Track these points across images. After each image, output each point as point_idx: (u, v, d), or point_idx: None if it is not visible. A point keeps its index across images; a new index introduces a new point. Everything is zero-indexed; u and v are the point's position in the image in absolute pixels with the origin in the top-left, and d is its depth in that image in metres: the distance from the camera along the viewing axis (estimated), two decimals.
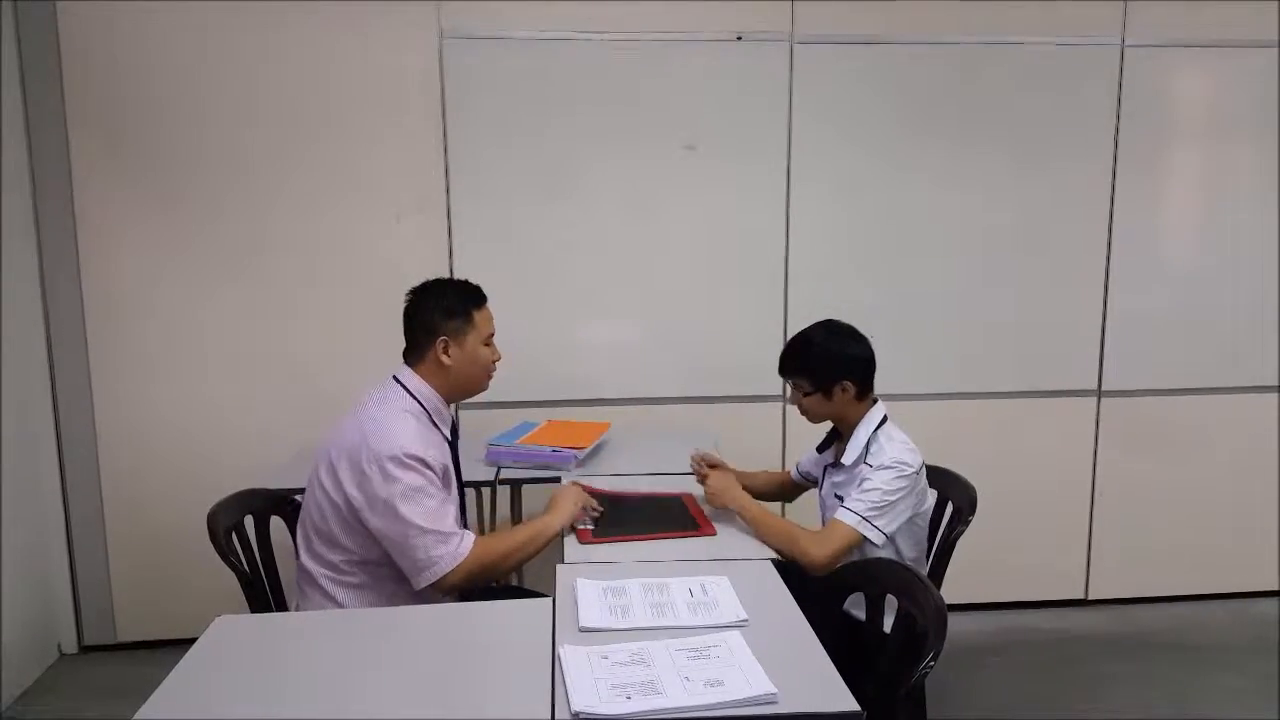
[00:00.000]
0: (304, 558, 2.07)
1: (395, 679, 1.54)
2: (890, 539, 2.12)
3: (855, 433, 2.23)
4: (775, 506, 2.53)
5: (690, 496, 2.35)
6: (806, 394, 2.24)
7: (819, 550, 2.05)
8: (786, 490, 2.63)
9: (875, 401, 2.27)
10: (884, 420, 2.23)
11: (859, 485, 2.14)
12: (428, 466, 1.98)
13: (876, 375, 2.27)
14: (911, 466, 2.13)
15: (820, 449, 2.42)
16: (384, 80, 3.11)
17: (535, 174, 3.20)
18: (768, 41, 3.21)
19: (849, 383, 2.20)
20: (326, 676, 1.56)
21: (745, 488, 2.27)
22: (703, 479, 2.30)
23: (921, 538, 2.27)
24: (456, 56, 3.11)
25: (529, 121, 3.17)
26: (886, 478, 2.10)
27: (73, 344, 3.11)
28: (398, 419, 2.02)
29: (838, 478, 2.29)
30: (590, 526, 2.17)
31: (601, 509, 2.23)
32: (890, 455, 2.13)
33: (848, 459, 2.24)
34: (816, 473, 2.47)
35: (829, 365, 2.20)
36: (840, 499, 2.24)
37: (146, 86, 3.03)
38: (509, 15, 3.11)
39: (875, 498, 2.09)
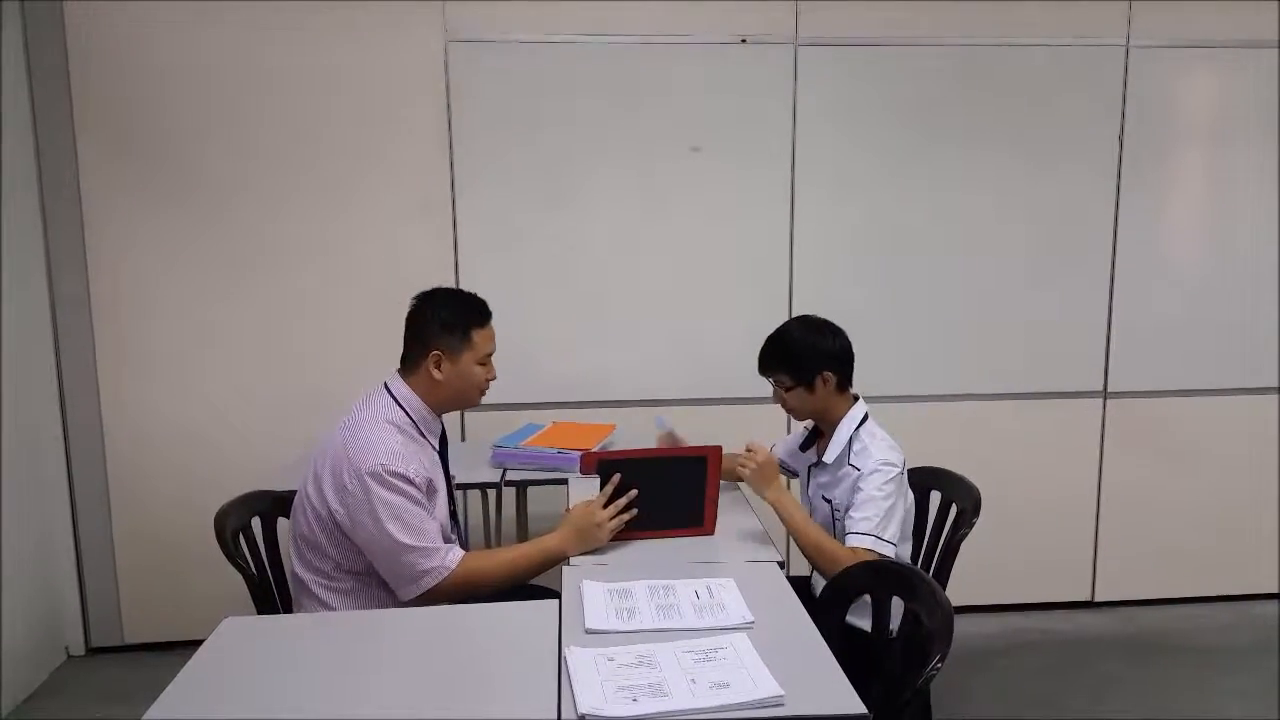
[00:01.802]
0: (296, 566, 2.06)
1: (402, 680, 1.55)
2: (895, 546, 2.10)
3: (837, 430, 2.23)
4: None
5: (718, 453, 2.16)
6: (788, 389, 2.24)
7: None
8: None
9: (857, 398, 2.27)
10: (865, 417, 2.23)
11: (854, 496, 2.12)
12: (409, 481, 1.94)
13: (883, 375, 2.27)
14: (896, 466, 2.13)
15: (803, 447, 2.40)
16: (389, 83, 3.11)
17: (540, 176, 3.21)
18: (772, 44, 3.21)
19: (829, 374, 2.20)
20: (334, 677, 1.57)
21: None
22: (743, 465, 2.21)
23: (908, 531, 2.26)
24: (461, 59, 3.12)
25: (534, 123, 3.17)
26: (877, 483, 2.10)
27: (79, 344, 3.12)
28: (379, 431, 1.98)
29: (822, 478, 2.28)
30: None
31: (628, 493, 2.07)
32: (876, 457, 2.13)
33: (830, 456, 2.23)
34: (793, 465, 2.47)
35: (808, 357, 2.20)
36: (828, 501, 2.23)
37: (152, 87, 3.04)
38: (514, 18, 3.11)
39: (875, 510, 2.08)
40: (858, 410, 2.24)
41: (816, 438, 2.35)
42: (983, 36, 3.27)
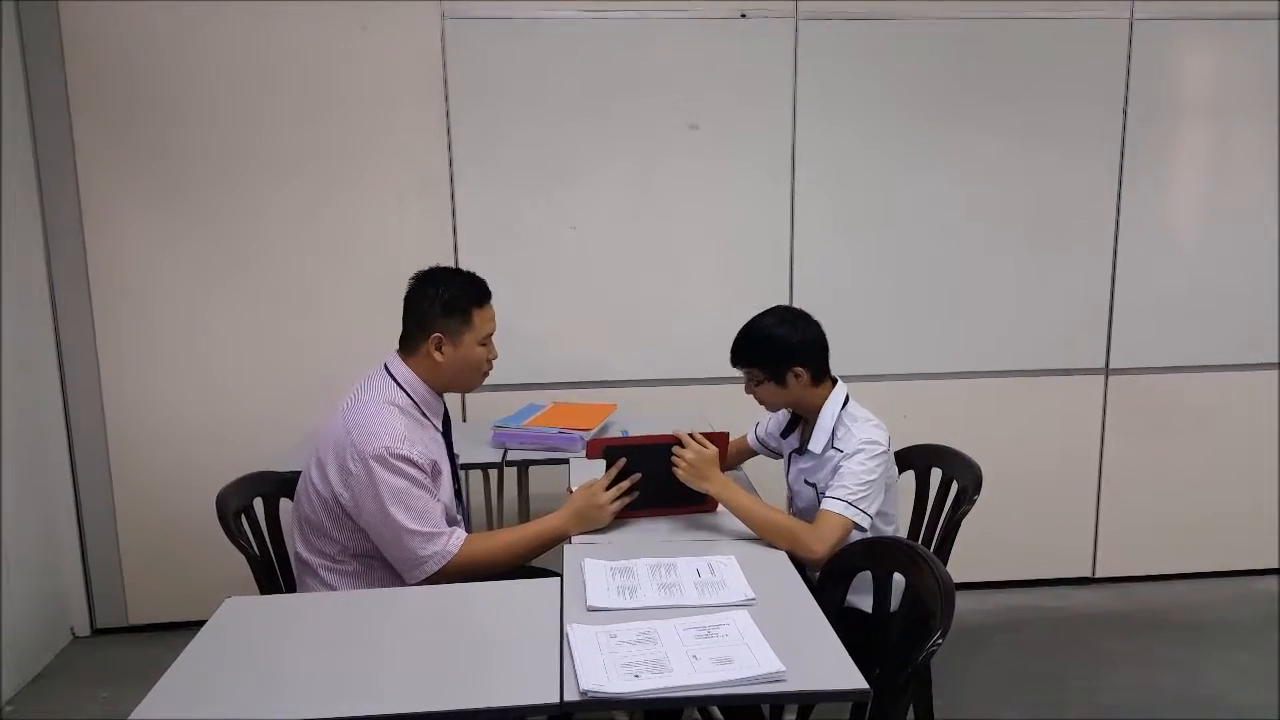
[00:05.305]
0: (300, 548, 2.06)
1: (404, 659, 1.55)
2: (872, 519, 2.07)
3: (820, 418, 2.18)
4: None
5: (724, 439, 2.14)
6: (759, 383, 2.20)
7: (821, 546, 1.97)
8: (743, 457, 2.57)
9: (836, 383, 2.22)
10: (847, 400, 2.19)
11: (835, 475, 2.08)
12: (413, 464, 1.93)
13: (884, 353, 2.24)
14: (881, 444, 2.09)
15: (784, 433, 2.37)
16: (387, 62, 3.09)
17: (538, 155, 3.19)
18: (772, 19, 3.18)
19: (801, 369, 2.15)
20: (336, 657, 1.57)
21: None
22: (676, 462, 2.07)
23: (893, 508, 2.25)
24: (459, 36, 3.09)
25: (532, 102, 3.15)
26: (860, 460, 2.06)
27: (80, 330, 3.12)
28: (382, 413, 1.96)
29: (805, 464, 2.25)
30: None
31: (631, 479, 2.06)
32: (859, 438, 2.09)
33: (815, 445, 2.18)
34: (775, 445, 2.44)
35: (779, 352, 2.15)
36: (812, 485, 2.21)
37: (149, 76, 3.01)
38: None
39: (853, 481, 2.04)
40: (838, 394, 2.19)
41: (798, 423, 2.31)
42: (985, 10, 3.23)
